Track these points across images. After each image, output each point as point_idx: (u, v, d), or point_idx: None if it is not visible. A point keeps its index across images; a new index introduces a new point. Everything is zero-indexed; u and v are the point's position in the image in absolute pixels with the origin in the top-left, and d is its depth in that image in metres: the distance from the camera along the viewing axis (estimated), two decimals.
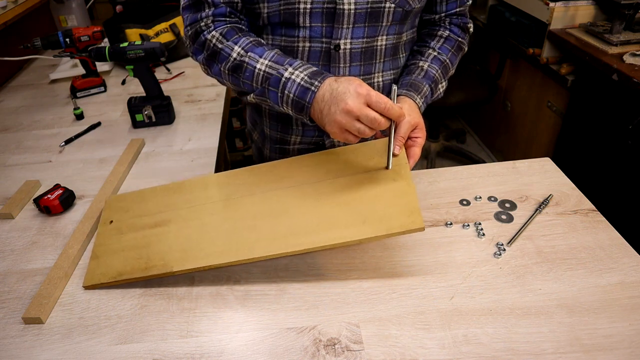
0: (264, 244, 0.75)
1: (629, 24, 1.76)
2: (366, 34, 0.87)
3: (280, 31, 0.88)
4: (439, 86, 0.96)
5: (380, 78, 0.95)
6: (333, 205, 0.77)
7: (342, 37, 0.86)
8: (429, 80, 0.92)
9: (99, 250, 0.84)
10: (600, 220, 0.88)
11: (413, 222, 0.70)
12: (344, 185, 0.80)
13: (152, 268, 0.79)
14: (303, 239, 0.74)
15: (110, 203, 0.92)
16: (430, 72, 0.93)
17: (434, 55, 0.95)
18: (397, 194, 0.75)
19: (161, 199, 0.90)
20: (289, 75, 0.79)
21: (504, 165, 1.05)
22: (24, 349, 0.70)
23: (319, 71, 0.80)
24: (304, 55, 0.89)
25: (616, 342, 0.66)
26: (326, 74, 0.79)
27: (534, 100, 2.25)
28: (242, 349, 0.68)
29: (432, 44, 0.97)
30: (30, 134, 1.32)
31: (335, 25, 0.85)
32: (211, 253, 0.77)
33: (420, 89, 0.90)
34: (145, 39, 1.66)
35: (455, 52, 0.98)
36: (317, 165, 0.85)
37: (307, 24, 0.85)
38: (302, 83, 0.77)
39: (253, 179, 0.87)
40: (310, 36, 0.87)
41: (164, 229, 0.85)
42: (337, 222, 0.74)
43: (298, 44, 0.88)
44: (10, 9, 1.62)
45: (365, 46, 0.89)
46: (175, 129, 1.30)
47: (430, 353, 0.66)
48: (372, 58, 0.91)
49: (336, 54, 0.88)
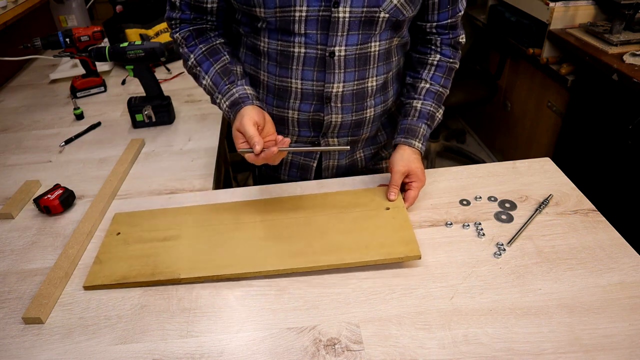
0: (272, 260, 0.81)
1: (629, 24, 1.76)
2: (360, 41, 0.89)
3: (277, 36, 0.90)
4: (436, 115, 1.00)
5: (374, 82, 0.96)
6: (338, 234, 0.85)
7: (337, 44, 0.88)
8: (424, 119, 0.97)
9: (104, 257, 0.84)
10: (600, 220, 0.88)
11: (411, 250, 0.80)
12: (348, 218, 0.89)
13: (159, 274, 0.79)
14: (310, 258, 0.80)
15: (119, 218, 0.93)
16: (424, 109, 0.98)
17: (426, 88, 0.99)
18: (396, 228, 0.85)
19: (171, 218, 0.92)
20: (220, 102, 0.92)
21: (504, 165, 1.05)
22: (24, 349, 0.70)
23: (236, 101, 0.89)
24: (299, 60, 0.91)
25: (616, 342, 0.66)
26: (240, 106, 0.87)
27: (534, 100, 2.25)
28: (242, 349, 0.68)
29: (424, 75, 1.00)
30: (30, 134, 1.32)
31: (330, 32, 0.86)
32: (220, 265, 0.80)
33: (417, 132, 0.96)
34: (145, 39, 1.66)
35: (447, 76, 1.01)
36: (323, 201, 0.94)
37: (303, 31, 0.87)
38: (226, 113, 0.91)
39: (262, 209, 0.93)
40: (305, 42, 0.88)
41: (173, 242, 0.86)
42: (341, 247, 0.82)
43: (294, 49, 0.89)
44: (10, 9, 1.62)
45: (359, 52, 0.90)
46: (175, 129, 1.30)
47: (430, 353, 0.66)
48: (365, 64, 0.92)
49: (331, 60, 0.89)
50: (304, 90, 0.94)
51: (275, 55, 0.92)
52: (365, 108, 0.98)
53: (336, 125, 0.99)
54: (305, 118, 0.98)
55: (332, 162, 1.08)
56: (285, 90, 0.95)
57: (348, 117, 0.98)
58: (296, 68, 0.91)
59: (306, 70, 0.91)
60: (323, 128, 0.99)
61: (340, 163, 1.09)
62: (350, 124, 0.99)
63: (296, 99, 0.96)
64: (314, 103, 0.95)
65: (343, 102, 0.95)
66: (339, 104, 0.95)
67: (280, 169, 1.11)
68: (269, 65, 0.94)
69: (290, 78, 0.93)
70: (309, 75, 0.92)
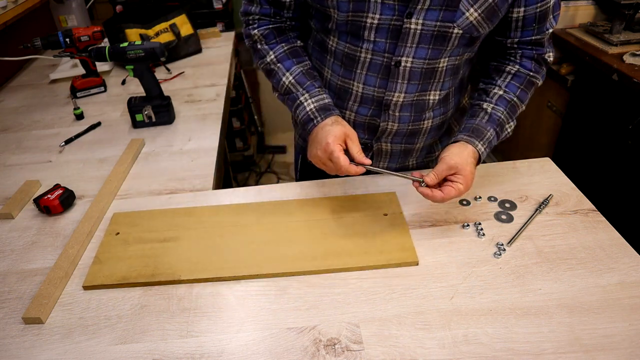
0: (273, 263, 0.81)
1: (629, 24, 1.76)
2: (429, 56, 0.87)
3: (346, 38, 0.90)
4: (506, 127, 0.91)
5: (436, 96, 0.94)
6: (337, 238, 0.86)
7: (405, 54, 0.86)
8: (494, 124, 0.88)
9: (103, 257, 0.84)
10: (600, 220, 0.88)
11: (409, 256, 0.81)
12: (348, 223, 0.89)
13: (159, 275, 0.80)
14: (309, 262, 0.81)
15: (118, 218, 0.93)
16: (495, 115, 0.89)
17: (499, 95, 0.91)
18: (394, 235, 0.86)
19: (170, 219, 0.92)
20: (303, 101, 0.90)
21: (504, 165, 1.05)
22: (24, 349, 0.70)
23: (327, 106, 0.89)
24: (364, 65, 0.90)
25: (616, 342, 0.66)
26: (331, 112, 0.88)
27: (534, 100, 2.25)
28: (242, 349, 0.68)
29: (499, 82, 0.92)
30: (30, 134, 1.32)
31: (399, 42, 0.85)
32: (221, 267, 0.81)
33: (483, 134, 0.87)
34: (145, 39, 1.66)
35: (525, 89, 0.93)
36: (322, 206, 0.94)
37: (372, 38, 0.86)
38: (309, 113, 0.89)
39: (262, 211, 0.93)
40: (373, 49, 0.88)
41: (173, 244, 0.86)
42: (341, 251, 0.83)
43: (360, 54, 0.89)
44: (10, 9, 1.62)
45: (426, 67, 0.88)
46: (175, 129, 1.30)
47: (430, 353, 0.66)
48: (431, 77, 0.90)
49: (396, 70, 0.88)
50: (364, 94, 0.94)
51: (342, 56, 0.92)
52: (423, 119, 0.97)
53: (391, 132, 0.98)
54: (362, 121, 0.98)
55: (383, 164, 1.07)
56: (346, 91, 0.96)
57: (404, 126, 0.97)
58: (360, 72, 0.91)
59: (369, 75, 0.91)
60: (378, 133, 0.99)
61: (390, 166, 1.07)
62: (406, 133, 0.99)
63: (355, 102, 0.96)
64: (372, 108, 0.95)
65: (401, 111, 0.94)
66: (397, 113, 0.95)
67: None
68: (334, 64, 0.95)
69: (353, 80, 0.93)
70: (371, 81, 0.91)
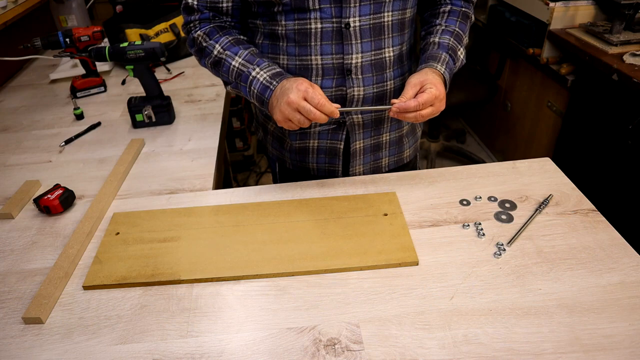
0: (273, 263, 0.81)
1: (629, 24, 1.76)
2: (372, 10, 0.93)
3: (294, 15, 0.93)
4: (458, 53, 1.00)
5: (390, 53, 0.99)
6: (337, 238, 0.86)
7: (351, 15, 0.91)
8: (445, 49, 0.97)
9: (103, 257, 0.84)
10: (600, 220, 0.88)
11: (409, 256, 0.81)
12: (347, 224, 0.89)
13: (159, 275, 0.80)
14: (309, 262, 0.81)
15: (118, 218, 0.93)
16: (443, 42, 0.98)
17: (442, 29, 1.01)
18: (394, 235, 0.86)
19: (170, 219, 0.92)
20: (255, 75, 0.92)
21: (504, 165, 1.05)
22: (24, 349, 0.70)
23: (280, 72, 0.92)
24: (317, 36, 0.94)
25: (616, 342, 0.66)
26: (285, 75, 0.91)
27: (534, 100, 2.25)
28: (242, 349, 0.68)
29: (438, 21, 1.02)
30: (30, 134, 1.32)
31: (343, 5, 0.91)
32: (221, 267, 0.81)
33: (437, 58, 0.95)
34: (145, 39, 1.66)
35: (462, 20, 1.03)
36: (322, 206, 0.94)
37: (317, 6, 0.91)
38: (264, 82, 0.91)
39: (262, 212, 0.94)
40: (321, 17, 0.92)
41: (173, 244, 0.86)
42: (341, 251, 0.83)
43: (311, 26, 0.93)
44: (10, 9, 1.62)
45: (373, 22, 0.94)
46: (175, 129, 1.30)
47: (430, 353, 0.66)
48: (380, 33, 0.96)
49: (347, 31, 0.93)
50: (325, 65, 0.96)
51: (294, 36, 0.95)
52: (385, 80, 1.01)
53: (359, 100, 1.00)
54: (329, 95, 0.99)
55: (359, 143, 1.08)
56: (306, 68, 0.97)
57: (370, 89, 1.00)
58: (315, 44, 0.94)
59: (324, 44, 0.94)
60: (347, 104, 1.01)
61: (366, 144, 1.08)
62: (373, 98, 1.02)
63: (317, 76, 0.98)
64: (335, 77, 0.98)
65: (363, 73, 0.98)
66: (360, 75, 0.98)
67: (308, 157, 1.11)
68: (288, 47, 0.97)
69: (310, 55, 0.96)
70: (327, 49, 0.95)
